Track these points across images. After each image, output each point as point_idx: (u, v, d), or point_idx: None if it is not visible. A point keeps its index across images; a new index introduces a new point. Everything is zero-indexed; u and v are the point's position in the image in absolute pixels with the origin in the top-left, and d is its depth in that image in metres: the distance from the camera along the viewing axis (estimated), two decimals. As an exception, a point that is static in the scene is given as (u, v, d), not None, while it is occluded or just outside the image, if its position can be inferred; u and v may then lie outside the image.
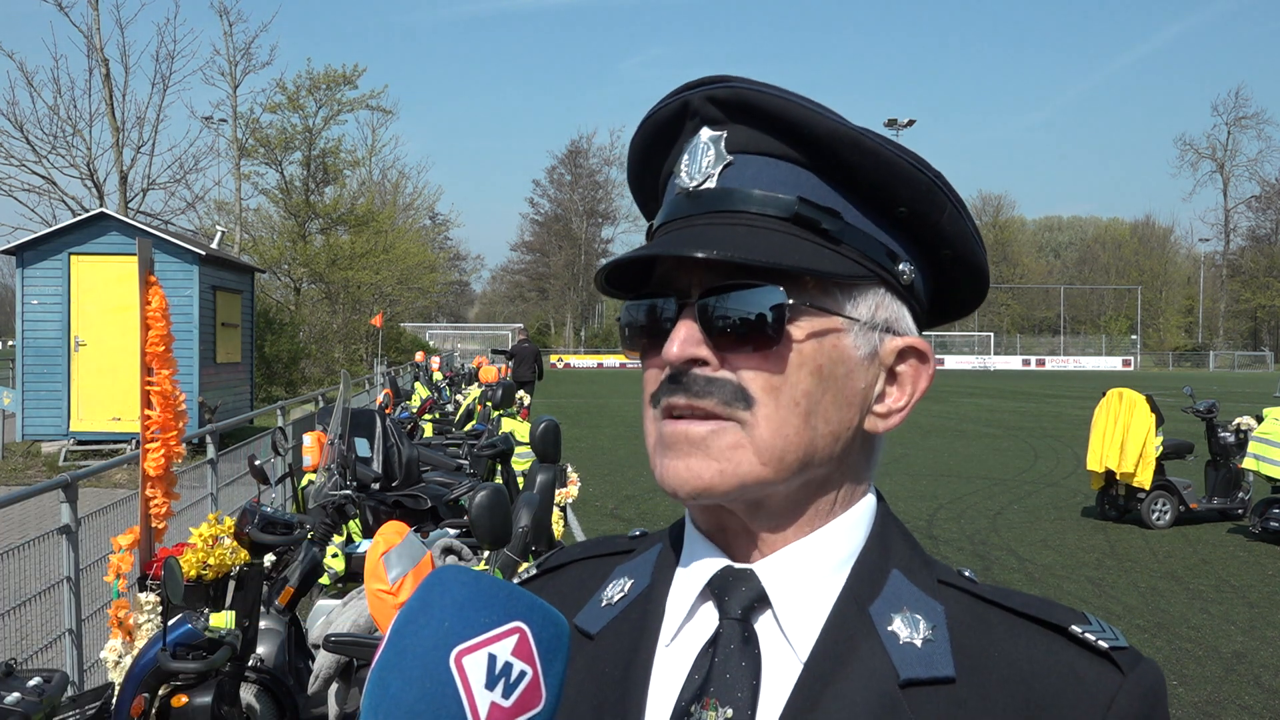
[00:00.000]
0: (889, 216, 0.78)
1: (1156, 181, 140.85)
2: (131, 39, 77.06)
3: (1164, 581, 7.93)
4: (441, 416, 14.14)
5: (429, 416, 13.62)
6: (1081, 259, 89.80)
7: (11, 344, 22.89)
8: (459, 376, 21.20)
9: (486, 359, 22.97)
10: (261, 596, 4.08)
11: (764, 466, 0.73)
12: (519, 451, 7.82)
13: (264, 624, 4.29)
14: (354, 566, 5.45)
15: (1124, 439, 9.98)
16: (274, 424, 10.26)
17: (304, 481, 6.50)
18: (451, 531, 5.61)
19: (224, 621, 3.68)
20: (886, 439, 0.82)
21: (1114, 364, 66.64)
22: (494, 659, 0.59)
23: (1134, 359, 70.00)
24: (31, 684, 3.19)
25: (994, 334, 75.82)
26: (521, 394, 11.99)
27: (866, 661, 0.72)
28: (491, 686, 0.59)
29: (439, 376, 19.58)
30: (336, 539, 5.55)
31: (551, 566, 0.91)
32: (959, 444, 17.81)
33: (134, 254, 4.10)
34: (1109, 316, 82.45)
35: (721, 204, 0.76)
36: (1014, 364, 66.30)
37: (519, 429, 8.44)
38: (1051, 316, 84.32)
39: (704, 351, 0.73)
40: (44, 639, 4.69)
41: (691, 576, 0.79)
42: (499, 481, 7.30)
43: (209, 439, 7.63)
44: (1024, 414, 25.17)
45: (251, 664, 4.03)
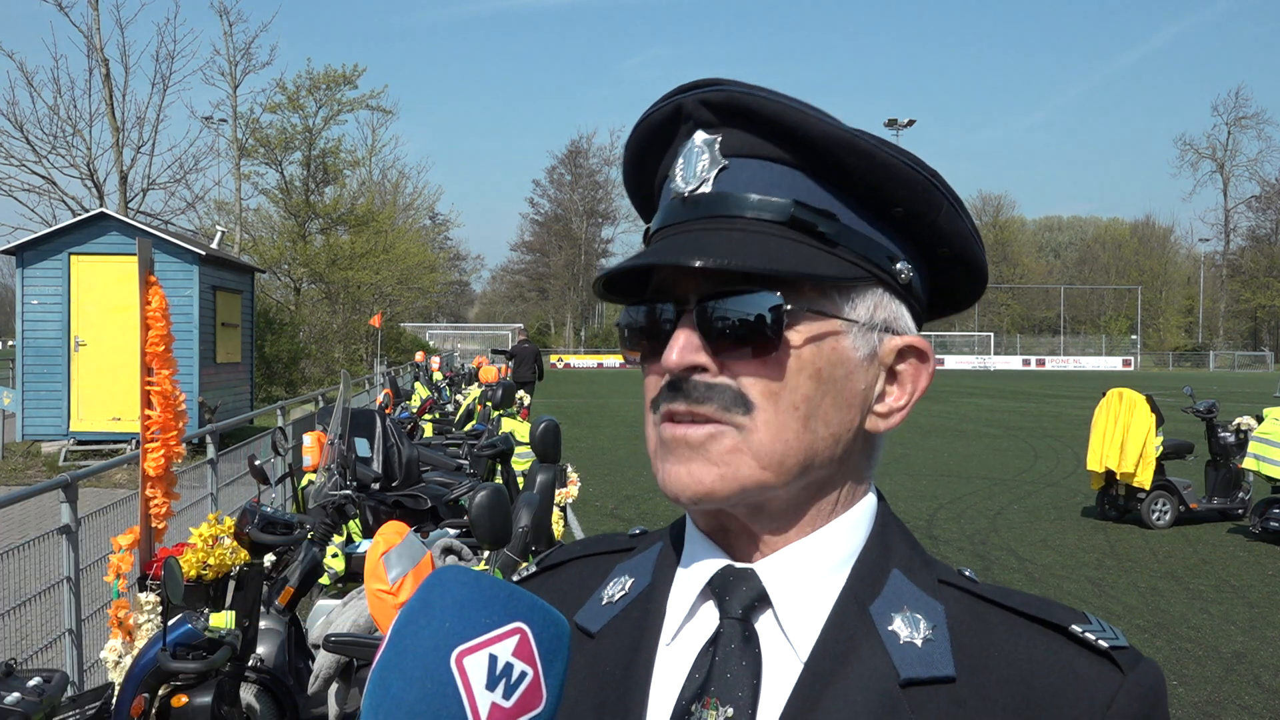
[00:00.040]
0: (885, 217, 0.78)
1: (1156, 181, 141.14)
2: (131, 39, 77.23)
3: (1164, 581, 7.93)
4: (441, 416, 14.13)
5: (429, 416, 13.61)
6: (1081, 259, 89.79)
7: (11, 344, 22.87)
8: (459, 376, 21.19)
9: (486, 359, 22.94)
10: (261, 596, 4.08)
11: (764, 471, 0.73)
12: (519, 451, 7.82)
13: (264, 624, 4.29)
14: (354, 566, 5.44)
15: (1124, 439, 9.98)
16: (274, 424, 10.26)
17: (304, 481, 6.50)
18: (451, 531, 5.61)
19: (224, 621, 3.68)
20: (887, 438, 0.82)
21: (1114, 364, 66.65)
22: (495, 660, 0.59)
23: (1134, 359, 70.01)
24: (31, 684, 3.18)
25: (994, 334, 75.83)
26: (521, 394, 11.98)
27: (867, 661, 0.72)
28: (492, 687, 0.59)
29: (439, 376, 19.57)
30: (336, 539, 5.55)
31: (551, 564, 0.92)
32: (959, 444, 17.80)
33: (134, 254, 4.10)
34: (1109, 316, 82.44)
35: (717, 208, 0.76)
36: (1014, 364, 66.30)
37: (519, 429, 8.44)
38: (1051, 316, 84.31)
39: (703, 358, 0.73)
40: (44, 639, 4.69)
41: (692, 576, 0.79)
42: (499, 481, 7.30)
43: (209, 439, 7.64)
44: (1024, 414, 25.17)
45: (251, 664, 4.03)
